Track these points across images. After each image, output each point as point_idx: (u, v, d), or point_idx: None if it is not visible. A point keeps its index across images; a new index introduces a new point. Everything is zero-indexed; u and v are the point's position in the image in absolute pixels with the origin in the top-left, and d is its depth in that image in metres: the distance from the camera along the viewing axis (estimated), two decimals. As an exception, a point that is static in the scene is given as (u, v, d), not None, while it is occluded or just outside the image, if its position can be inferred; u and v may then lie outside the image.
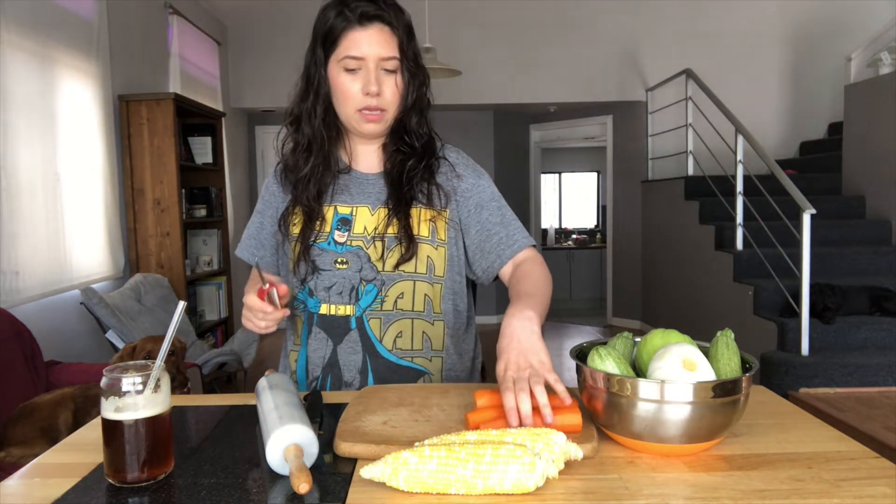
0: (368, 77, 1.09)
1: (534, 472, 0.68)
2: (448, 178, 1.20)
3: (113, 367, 0.77)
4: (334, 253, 1.15)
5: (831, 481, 0.72)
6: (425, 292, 1.17)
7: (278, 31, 5.69)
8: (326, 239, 1.15)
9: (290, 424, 0.76)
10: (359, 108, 1.11)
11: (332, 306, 1.15)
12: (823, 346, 3.42)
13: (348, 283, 1.14)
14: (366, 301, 1.15)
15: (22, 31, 2.79)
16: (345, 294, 1.15)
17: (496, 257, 1.18)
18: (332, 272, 1.15)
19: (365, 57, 1.08)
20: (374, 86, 1.08)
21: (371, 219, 1.16)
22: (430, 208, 1.17)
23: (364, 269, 1.14)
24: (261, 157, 6.46)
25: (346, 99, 1.11)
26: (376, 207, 1.16)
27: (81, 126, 3.25)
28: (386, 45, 1.08)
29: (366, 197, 1.17)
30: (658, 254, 5.64)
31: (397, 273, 1.14)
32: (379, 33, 1.08)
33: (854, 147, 4.79)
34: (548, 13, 5.83)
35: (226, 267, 4.57)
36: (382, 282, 1.14)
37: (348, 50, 1.08)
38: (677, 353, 0.80)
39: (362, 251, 1.14)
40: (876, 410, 1.37)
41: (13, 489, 0.75)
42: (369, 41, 1.08)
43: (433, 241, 1.16)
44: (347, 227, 1.15)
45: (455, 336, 1.22)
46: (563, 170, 9.93)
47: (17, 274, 2.66)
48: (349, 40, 1.08)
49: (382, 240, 1.14)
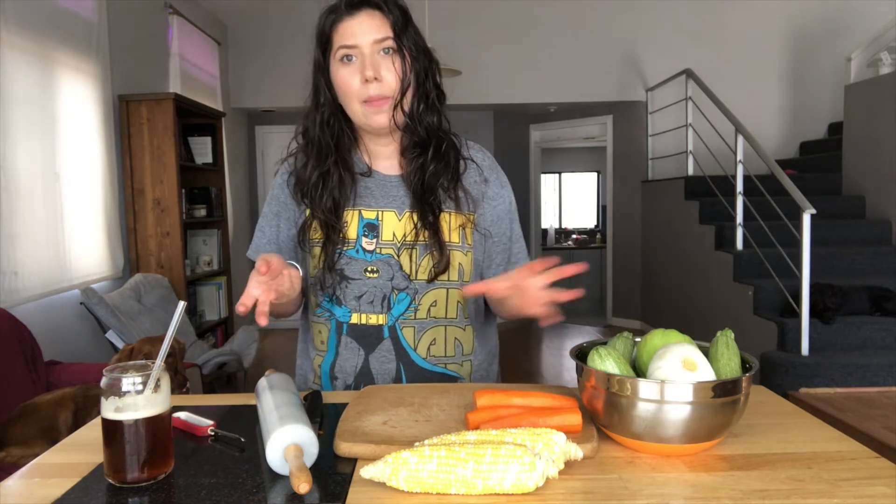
0: (364, 62, 1.06)
1: (534, 472, 0.68)
2: (476, 183, 1.17)
3: (113, 367, 0.77)
4: (364, 262, 1.12)
5: (831, 481, 0.72)
6: (457, 299, 1.15)
7: (278, 31, 5.69)
8: (354, 247, 1.12)
9: (290, 424, 0.76)
10: (362, 99, 1.07)
11: (364, 315, 1.13)
12: (823, 346, 3.42)
13: (380, 291, 1.12)
14: (398, 310, 1.12)
15: (22, 31, 2.79)
16: (376, 303, 1.12)
17: (494, 272, 1.20)
18: (362, 281, 1.12)
19: (357, 44, 1.06)
20: (370, 69, 1.05)
21: (398, 224, 1.12)
22: (460, 213, 1.14)
23: (396, 277, 1.12)
24: (261, 157, 6.46)
25: (349, 93, 1.08)
26: (403, 212, 1.13)
27: (81, 126, 3.25)
28: (377, 28, 1.06)
29: (390, 200, 1.14)
30: (658, 254, 5.64)
31: (430, 282, 1.13)
32: (369, 18, 1.06)
33: (854, 147, 4.79)
34: (547, 13, 5.83)
35: (226, 267, 4.57)
36: (416, 290, 1.12)
37: (341, 40, 1.06)
38: (677, 353, 0.80)
39: (393, 259, 1.11)
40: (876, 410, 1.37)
41: (13, 489, 0.75)
42: (360, 27, 1.06)
43: (463, 248, 1.14)
44: (375, 234, 1.12)
45: (481, 335, 1.23)
46: (563, 170, 9.94)
47: (16, 274, 2.66)
48: (340, 32, 1.07)
49: (413, 248, 1.11)
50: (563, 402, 0.88)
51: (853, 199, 4.69)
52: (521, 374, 4.78)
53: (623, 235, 6.31)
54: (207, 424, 0.89)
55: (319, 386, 1.19)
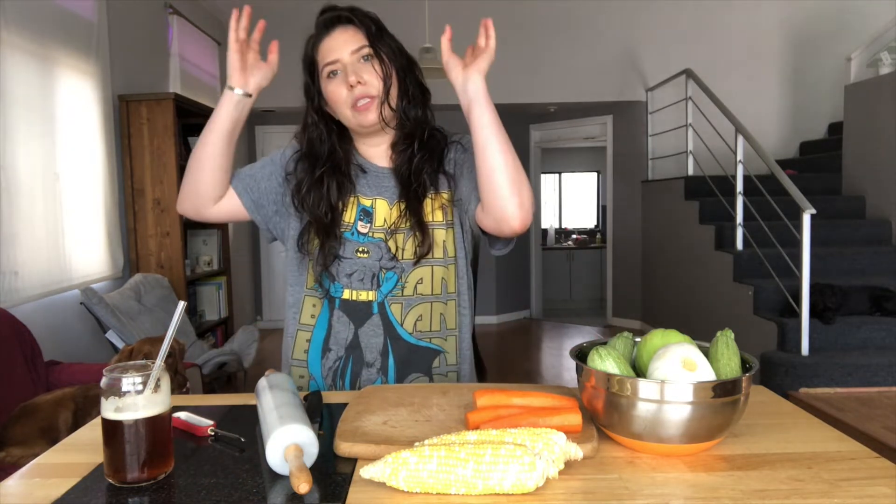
0: (346, 71, 1.16)
1: (534, 472, 0.68)
2: (453, 157, 1.25)
3: (113, 367, 0.77)
4: (356, 242, 1.22)
5: (831, 481, 0.72)
6: (442, 275, 1.23)
7: (277, 31, 5.66)
8: (350, 229, 1.22)
9: (290, 424, 0.76)
10: (350, 105, 1.17)
11: (355, 292, 1.21)
12: (823, 346, 3.42)
13: (369, 270, 1.21)
14: (386, 287, 1.21)
15: (22, 31, 2.79)
16: (366, 280, 1.21)
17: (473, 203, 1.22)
18: (352, 260, 1.21)
19: (338, 58, 1.16)
20: (353, 76, 1.15)
21: (389, 212, 1.22)
22: (439, 193, 1.23)
23: (384, 258, 1.21)
24: (261, 156, 6.45)
25: (339, 103, 1.18)
26: (393, 201, 1.23)
27: (81, 126, 3.25)
28: (353, 40, 1.16)
29: (383, 190, 1.24)
30: (658, 254, 5.64)
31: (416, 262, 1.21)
32: (343, 33, 1.17)
33: (854, 147, 4.80)
34: (548, 13, 5.83)
35: (226, 267, 4.57)
36: (402, 269, 1.21)
37: (324, 59, 1.17)
38: (677, 353, 0.80)
39: (383, 243, 1.21)
40: (876, 410, 1.37)
41: (13, 489, 0.75)
42: (337, 42, 1.17)
43: (444, 225, 1.23)
44: (369, 219, 1.23)
45: (467, 313, 1.27)
46: (563, 170, 9.93)
47: (16, 274, 2.66)
48: (322, 51, 1.18)
49: (399, 233, 1.20)
50: (563, 402, 0.88)
51: (853, 199, 4.69)
52: (521, 374, 4.78)
53: (623, 235, 6.31)
54: (207, 424, 0.89)
55: (305, 363, 1.25)
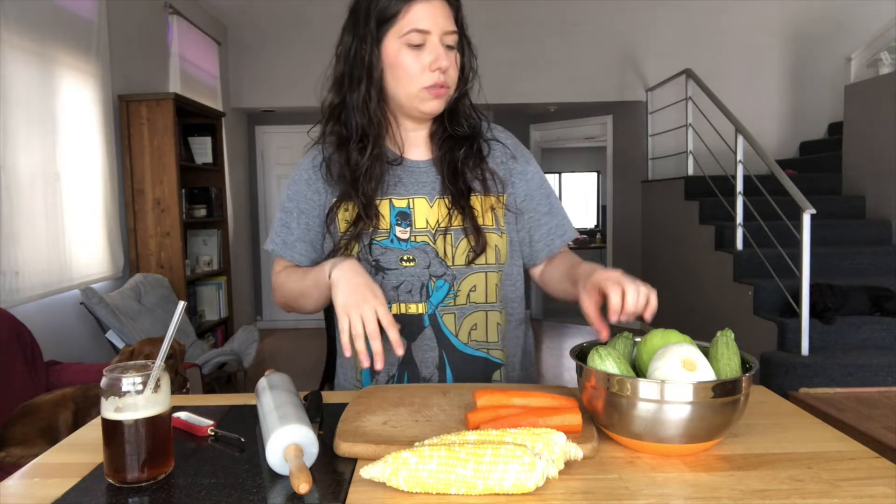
0: (437, 51, 1.04)
1: (534, 472, 0.68)
2: (503, 163, 1.18)
3: (113, 367, 0.77)
4: (399, 251, 1.10)
5: (831, 481, 0.72)
6: (496, 282, 1.15)
7: (278, 31, 5.69)
8: (388, 236, 1.10)
9: (290, 424, 0.76)
10: (426, 85, 1.05)
11: (403, 305, 1.11)
12: (823, 346, 3.42)
13: (417, 280, 1.10)
14: (437, 297, 1.11)
15: (22, 31, 2.79)
16: (415, 292, 1.11)
17: (545, 246, 1.19)
18: (398, 271, 1.10)
19: (430, 30, 1.03)
20: (445, 60, 1.04)
21: (431, 211, 1.11)
22: (489, 195, 1.13)
23: (433, 265, 1.10)
24: (260, 157, 6.46)
25: (410, 77, 1.05)
26: (434, 198, 1.12)
27: (81, 126, 3.25)
28: (448, 19, 1.05)
29: (420, 187, 1.12)
30: (658, 254, 5.63)
31: (468, 266, 1.11)
32: (442, 6, 1.04)
33: (854, 147, 4.79)
34: (548, 13, 5.83)
35: (226, 267, 4.57)
36: (454, 276, 1.11)
37: (413, 23, 1.03)
38: (677, 353, 0.80)
39: (429, 246, 1.10)
40: (876, 410, 1.37)
41: (13, 489, 0.75)
42: (434, 13, 1.03)
43: (497, 230, 1.14)
44: (408, 222, 1.11)
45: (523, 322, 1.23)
46: (563, 170, 9.94)
47: (17, 274, 2.66)
48: (414, 13, 1.03)
49: (448, 233, 1.10)
50: (563, 402, 0.88)
51: (853, 199, 4.69)
52: (521, 374, 4.77)
53: (623, 235, 6.30)
54: (207, 424, 0.89)
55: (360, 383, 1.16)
